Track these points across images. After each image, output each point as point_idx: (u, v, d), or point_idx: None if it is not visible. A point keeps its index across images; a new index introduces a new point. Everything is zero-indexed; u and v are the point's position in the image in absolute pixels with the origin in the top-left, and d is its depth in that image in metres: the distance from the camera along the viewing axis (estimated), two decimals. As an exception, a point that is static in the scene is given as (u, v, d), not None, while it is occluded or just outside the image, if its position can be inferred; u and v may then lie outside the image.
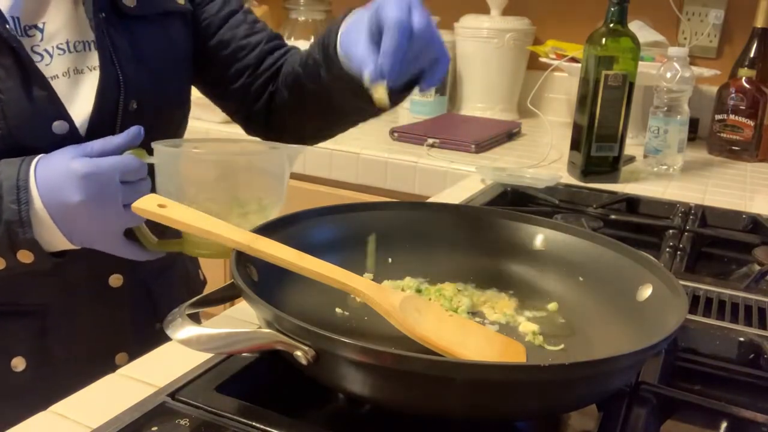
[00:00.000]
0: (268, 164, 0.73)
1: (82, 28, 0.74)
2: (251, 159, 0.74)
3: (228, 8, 0.90)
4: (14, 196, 0.64)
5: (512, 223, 0.71)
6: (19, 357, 0.75)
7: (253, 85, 0.91)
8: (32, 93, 0.69)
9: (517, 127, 1.67)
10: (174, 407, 0.50)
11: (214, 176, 0.71)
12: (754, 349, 0.66)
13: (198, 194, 0.69)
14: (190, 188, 0.70)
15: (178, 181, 0.70)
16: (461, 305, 0.64)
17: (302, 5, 2.01)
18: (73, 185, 0.64)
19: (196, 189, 0.70)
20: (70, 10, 0.73)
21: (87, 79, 0.73)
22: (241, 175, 0.72)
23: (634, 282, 0.61)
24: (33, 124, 0.69)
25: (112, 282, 0.80)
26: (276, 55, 0.92)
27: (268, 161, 0.73)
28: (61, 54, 0.72)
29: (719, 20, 1.70)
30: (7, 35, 0.67)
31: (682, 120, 1.33)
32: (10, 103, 0.68)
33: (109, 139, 0.67)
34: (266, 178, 0.73)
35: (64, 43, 0.72)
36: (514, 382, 0.45)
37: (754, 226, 1.05)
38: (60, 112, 0.71)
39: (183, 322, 0.49)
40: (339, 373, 0.47)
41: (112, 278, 0.79)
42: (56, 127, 0.70)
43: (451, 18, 1.83)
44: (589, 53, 1.22)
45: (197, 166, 0.72)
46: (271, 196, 0.72)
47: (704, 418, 0.56)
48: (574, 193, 1.17)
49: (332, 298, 0.62)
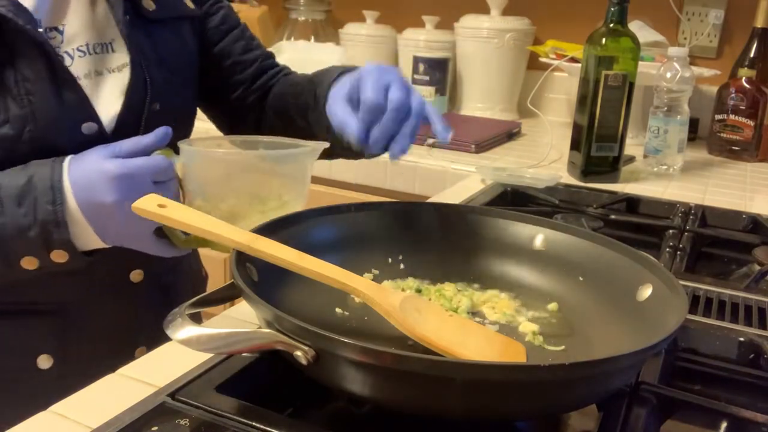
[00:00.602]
0: (290, 161, 0.74)
1: (100, 30, 0.75)
2: (273, 156, 0.75)
3: (229, 23, 0.93)
4: (50, 196, 0.65)
5: (512, 223, 0.71)
6: (45, 355, 0.76)
7: (246, 99, 0.94)
8: (62, 95, 0.70)
9: (517, 127, 1.67)
10: (174, 407, 0.50)
11: (237, 174, 0.72)
12: (754, 349, 0.66)
13: (220, 191, 0.71)
14: (214, 186, 0.72)
15: (202, 179, 0.72)
16: (461, 305, 0.64)
17: (302, 5, 2.02)
18: (107, 186, 0.65)
19: (219, 186, 0.72)
20: (88, 12, 0.74)
21: (108, 80, 0.75)
22: (263, 173, 0.73)
23: (634, 282, 0.61)
24: (62, 125, 0.70)
25: (133, 277, 0.81)
26: (270, 74, 0.96)
27: (290, 158, 0.74)
28: (82, 56, 0.73)
29: (719, 20, 1.70)
30: (40, 38, 0.68)
31: (682, 120, 1.33)
32: (41, 105, 0.68)
33: (138, 139, 0.69)
34: (287, 176, 0.74)
35: (84, 46, 0.73)
36: (514, 382, 0.45)
37: (754, 226, 1.05)
38: (89, 113, 0.72)
39: (183, 322, 0.49)
40: (339, 373, 0.47)
41: (133, 274, 0.81)
42: (85, 128, 0.72)
43: (451, 18, 1.84)
44: (589, 53, 1.22)
45: (220, 165, 0.73)
46: (290, 192, 0.74)
47: (704, 418, 0.56)
48: (574, 193, 1.17)
49: (332, 298, 0.62)
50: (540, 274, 0.69)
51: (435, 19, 1.86)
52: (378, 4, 1.96)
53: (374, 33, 1.92)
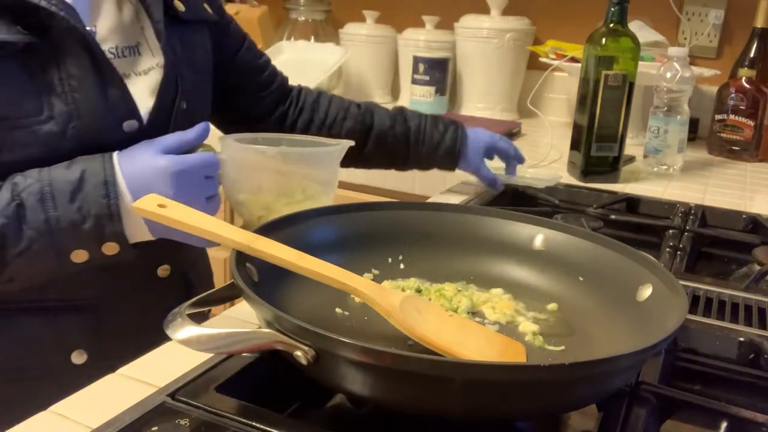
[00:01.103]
0: (326, 159, 0.80)
1: (126, 34, 0.76)
2: (310, 153, 0.80)
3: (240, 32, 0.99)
4: (103, 191, 0.67)
5: (512, 223, 0.72)
6: (79, 350, 0.77)
7: (264, 101, 1.00)
8: (107, 92, 0.72)
9: (517, 127, 1.67)
10: (174, 407, 0.50)
11: (272, 168, 0.76)
12: (754, 349, 0.66)
13: (259, 184, 0.76)
14: (248, 179, 0.77)
15: (240, 173, 0.76)
16: (461, 305, 0.64)
17: (302, 5, 2.02)
18: (164, 181, 0.69)
19: (258, 180, 0.77)
20: (117, 16, 0.76)
21: (137, 83, 0.76)
22: (295, 167, 0.78)
23: (634, 282, 0.61)
24: (106, 122, 0.72)
25: (160, 273, 0.83)
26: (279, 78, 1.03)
27: (326, 156, 0.80)
28: (112, 58, 0.74)
29: (719, 20, 1.70)
30: (88, 36, 0.69)
31: (682, 120, 1.33)
32: (85, 102, 0.70)
33: (181, 135, 0.72)
34: (322, 171, 0.80)
35: (114, 48, 0.75)
36: (514, 382, 0.45)
37: (754, 226, 1.05)
38: (132, 111, 0.74)
39: (183, 322, 0.49)
40: (339, 373, 0.47)
41: (160, 269, 0.83)
42: (126, 125, 0.74)
43: (451, 18, 1.84)
44: (589, 53, 1.22)
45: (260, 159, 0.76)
46: (323, 188, 0.79)
47: (704, 418, 0.56)
48: (574, 193, 1.17)
49: (332, 298, 0.62)
50: (540, 274, 0.69)
51: (435, 19, 1.86)
52: (378, 4, 1.96)
53: (374, 33, 1.92)
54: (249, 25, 1.93)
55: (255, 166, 0.76)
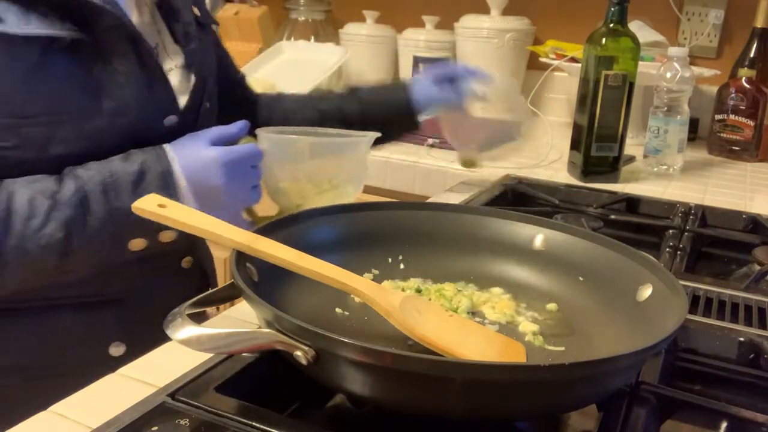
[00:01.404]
0: (356, 148, 0.86)
1: (147, 35, 0.77)
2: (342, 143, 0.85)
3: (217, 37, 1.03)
4: (162, 181, 0.71)
5: (512, 223, 0.72)
6: (116, 343, 0.79)
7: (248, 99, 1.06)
8: (153, 88, 0.74)
9: (518, 127, 1.66)
10: (174, 407, 0.50)
11: (307, 158, 0.82)
12: (754, 349, 0.66)
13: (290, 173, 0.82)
14: (286, 168, 0.82)
15: (279, 163, 0.82)
16: (461, 305, 0.64)
17: (302, 5, 2.02)
18: (217, 170, 0.74)
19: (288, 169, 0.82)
20: (138, 18, 0.77)
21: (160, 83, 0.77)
22: (328, 157, 0.83)
23: (634, 282, 0.61)
24: (150, 117, 0.75)
25: (184, 264, 0.86)
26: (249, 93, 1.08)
27: (353, 145, 0.85)
28: None
29: (719, 20, 1.70)
30: (136, 32, 0.71)
31: (682, 120, 1.33)
32: (133, 98, 0.72)
33: (225, 128, 0.78)
34: (352, 161, 0.86)
35: None
36: (514, 382, 0.45)
37: (754, 226, 1.05)
38: (174, 106, 0.77)
39: (183, 322, 0.48)
40: (339, 373, 0.47)
41: (184, 260, 0.86)
42: (167, 120, 0.77)
43: (451, 18, 1.83)
44: (589, 53, 1.22)
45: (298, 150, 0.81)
46: (352, 176, 0.85)
47: (704, 418, 0.56)
48: (574, 193, 1.17)
49: (332, 298, 0.62)
50: (540, 274, 0.69)
51: (435, 19, 1.86)
52: (378, 4, 1.96)
53: (374, 33, 1.92)
54: (249, 25, 1.93)
55: (291, 157, 0.81)
